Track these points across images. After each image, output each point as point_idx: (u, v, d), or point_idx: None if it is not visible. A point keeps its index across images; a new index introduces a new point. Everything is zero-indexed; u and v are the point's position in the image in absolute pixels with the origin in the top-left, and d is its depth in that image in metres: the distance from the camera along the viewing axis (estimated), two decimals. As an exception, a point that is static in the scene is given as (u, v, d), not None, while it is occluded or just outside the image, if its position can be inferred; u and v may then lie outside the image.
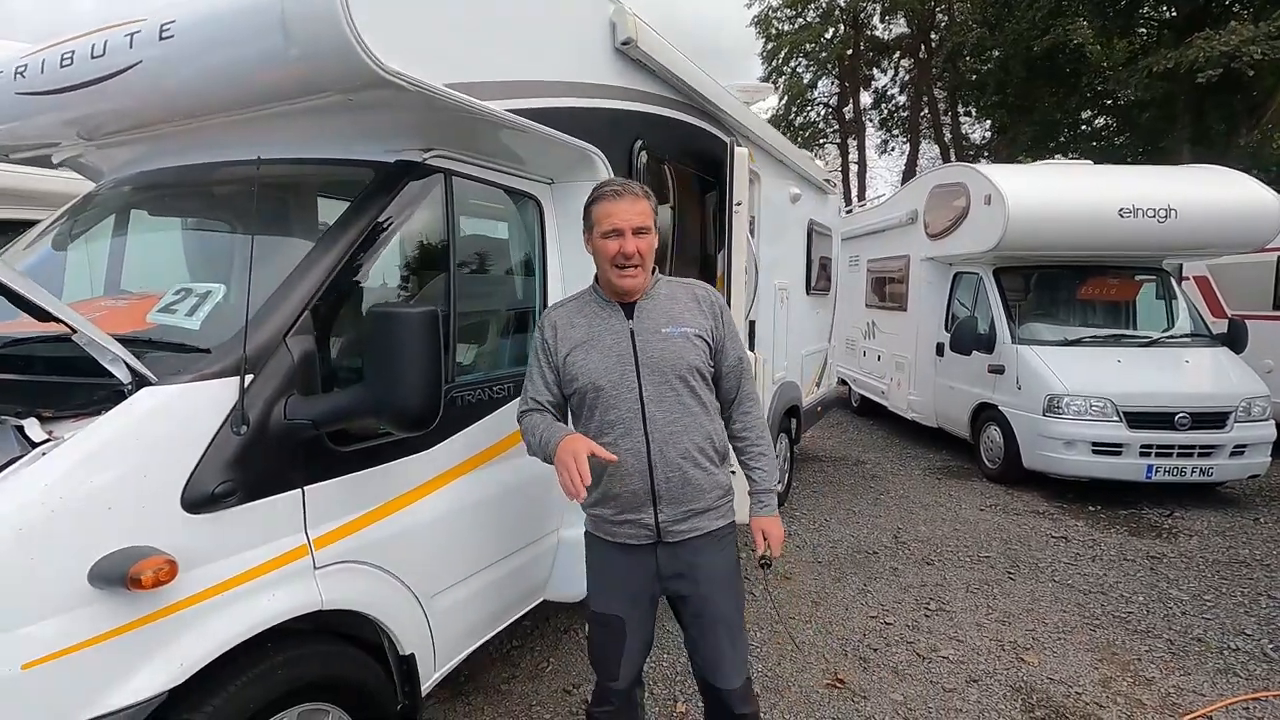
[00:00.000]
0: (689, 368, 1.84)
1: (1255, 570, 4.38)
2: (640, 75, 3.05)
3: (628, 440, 1.82)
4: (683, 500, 1.85)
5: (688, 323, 1.87)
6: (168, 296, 1.88)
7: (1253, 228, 6.18)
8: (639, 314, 1.88)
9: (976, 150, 23.52)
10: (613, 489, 1.86)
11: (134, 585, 1.33)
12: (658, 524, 1.86)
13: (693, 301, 1.92)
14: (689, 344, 1.85)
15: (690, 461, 1.85)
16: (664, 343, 1.84)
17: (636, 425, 1.82)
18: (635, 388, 1.83)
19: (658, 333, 1.85)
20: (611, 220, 1.81)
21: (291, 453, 1.72)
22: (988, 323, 6.55)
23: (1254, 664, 3.26)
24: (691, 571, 1.89)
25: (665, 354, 1.83)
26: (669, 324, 1.86)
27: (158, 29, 1.94)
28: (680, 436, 1.83)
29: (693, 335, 1.86)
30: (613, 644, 1.95)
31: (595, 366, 1.85)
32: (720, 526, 1.93)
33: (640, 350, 1.84)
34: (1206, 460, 5.56)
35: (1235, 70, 12.62)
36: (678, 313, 1.89)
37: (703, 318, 1.90)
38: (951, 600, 3.92)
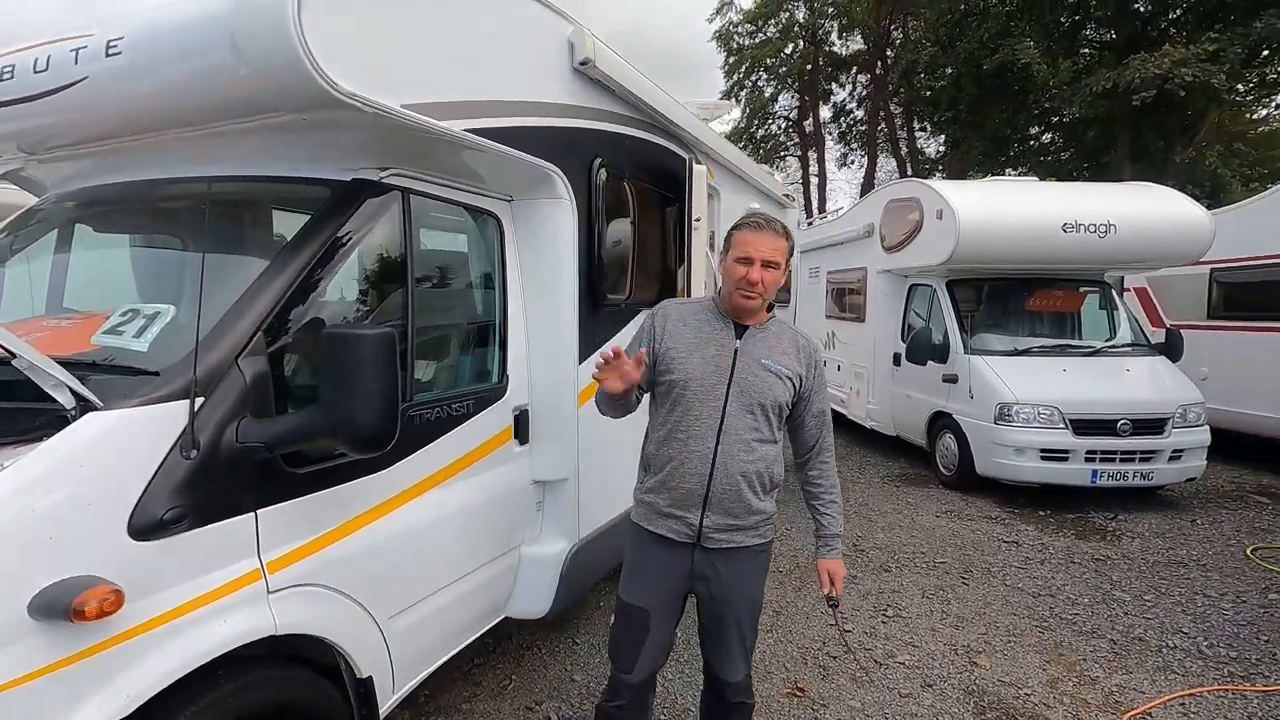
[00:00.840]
0: (773, 402, 2.00)
1: (1192, 570, 4.59)
2: (599, 94, 3.09)
3: (698, 443, 1.97)
4: (730, 512, 1.99)
5: (786, 364, 2.03)
6: (114, 317, 1.84)
7: (1187, 243, 6.50)
8: (748, 339, 2.04)
9: (931, 164, 24.22)
10: (672, 481, 2.01)
11: (77, 617, 1.30)
12: (701, 526, 2.00)
13: (794, 347, 2.08)
14: (780, 382, 2.01)
15: (746, 481, 1.98)
16: (760, 372, 2.00)
17: (711, 432, 1.97)
18: (721, 399, 1.98)
19: (758, 361, 2.01)
20: (745, 248, 1.98)
21: (244, 476, 1.70)
22: (941, 333, 6.74)
23: (1190, 661, 3.41)
24: (718, 575, 2.03)
25: (757, 382, 1.99)
26: (769, 357, 2.02)
27: (105, 44, 1.90)
28: (744, 456, 1.97)
29: (786, 376, 2.02)
30: (634, 634, 2.06)
31: (694, 368, 2.00)
32: (755, 544, 2.06)
33: (738, 370, 2.00)
34: (1147, 465, 5.80)
35: (1169, 91, 13.28)
36: (780, 351, 2.05)
37: (799, 364, 2.06)
38: (908, 606, 4.02)
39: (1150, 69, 12.91)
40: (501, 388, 2.68)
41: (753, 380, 1.99)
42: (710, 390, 1.98)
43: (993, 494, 6.25)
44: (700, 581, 2.05)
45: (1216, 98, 14.41)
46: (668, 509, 2.03)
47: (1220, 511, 5.91)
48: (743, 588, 2.06)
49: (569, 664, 3.30)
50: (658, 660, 2.11)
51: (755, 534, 2.05)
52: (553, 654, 3.39)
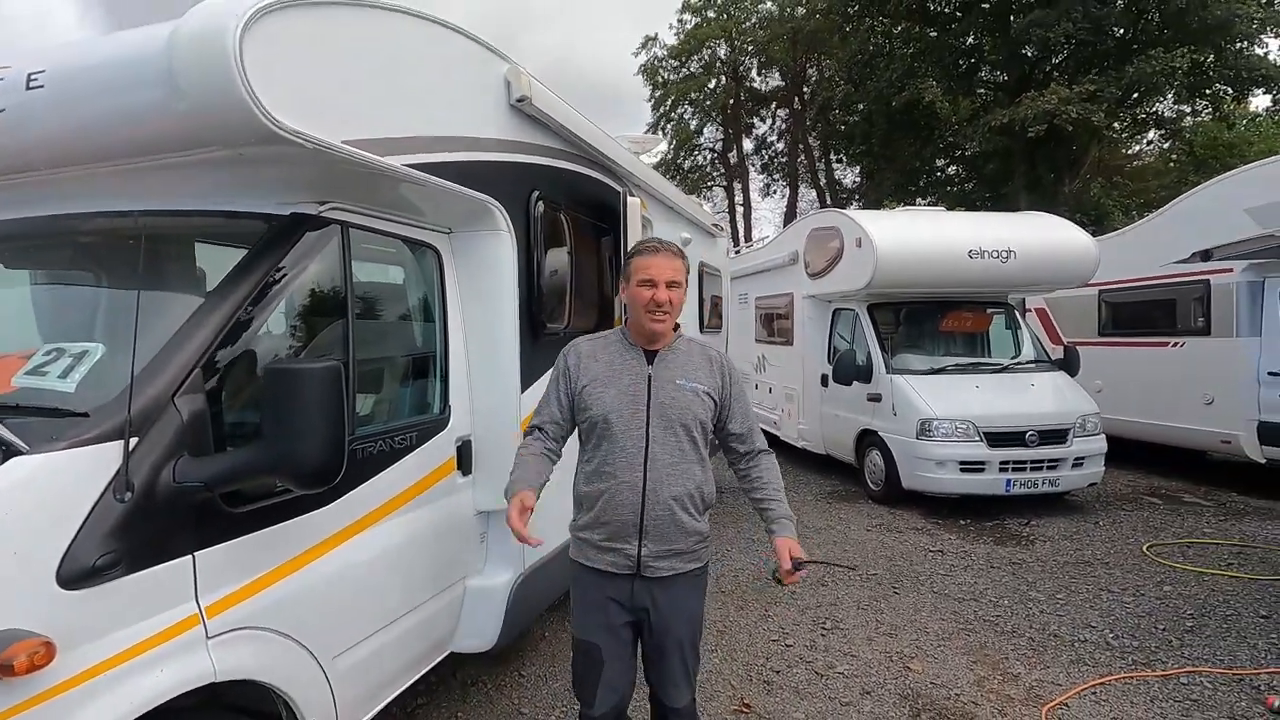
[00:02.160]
0: (694, 419, 2.01)
1: (1097, 569, 4.95)
2: (535, 130, 3.18)
3: (627, 474, 1.97)
4: (666, 538, 1.99)
5: (700, 380, 2.05)
6: (37, 357, 1.76)
7: (1076, 266, 7.11)
8: (659, 362, 2.05)
9: (848, 194, 25.51)
10: (605, 516, 1.99)
11: (6, 672, 1.24)
12: (639, 557, 1.99)
13: (706, 361, 2.10)
14: (698, 399, 2.03)
15: (679, 504, 1.99)
16: (677, 392, 2.01)
17: (638, 461, 1.97)
18: (643, 427, 1.98)
19: (672, 382, 2.02)
20: (647, 271, 2.01)
21: (181, 517, 1.65)
22: (865, 354, 7.09)
23: (1099, 652, 3.68)
24: (657, 604, 2.02)
25: (676, 403, 2.00)
26: (683, 377, 2.04)
27: (25, 77, 1.86)
28: (675, 480, 1.98)
29: (703, 391, 2.04)
30: (590, 671, 2.04)
31: (610, 401, 2.00)
32: (694, 568, 2.08)
33: (654, 394, 2.00)
34: (1054, 472, 6.24)
35: (1057, 126, 14.56)
36: (693, 369, 2.06)
37: (713, 377, 2.08)
38: (845, 618, 4.17)
39: (1040, 106, 14.13)
40: (444, 419, 2.68)
41: (670, 402, 2.00)
42: (631, 420, 1.98)
43: (918, 506, 6.56)
44: (643, 611, 2.04)
45: (1097, 134, 15.90)
46: (604, 543, 2.02)
47: (1119, 513, 6.40)
48: (682, 613, 2.06)
49: (516, 697, 3.26)
50: (620, 691, 2.07)
51: (693, 558, 2.06)
52: (499, 688, 3.34)
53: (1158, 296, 7.67)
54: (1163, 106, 17.13)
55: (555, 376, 2.14)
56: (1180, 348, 7.38)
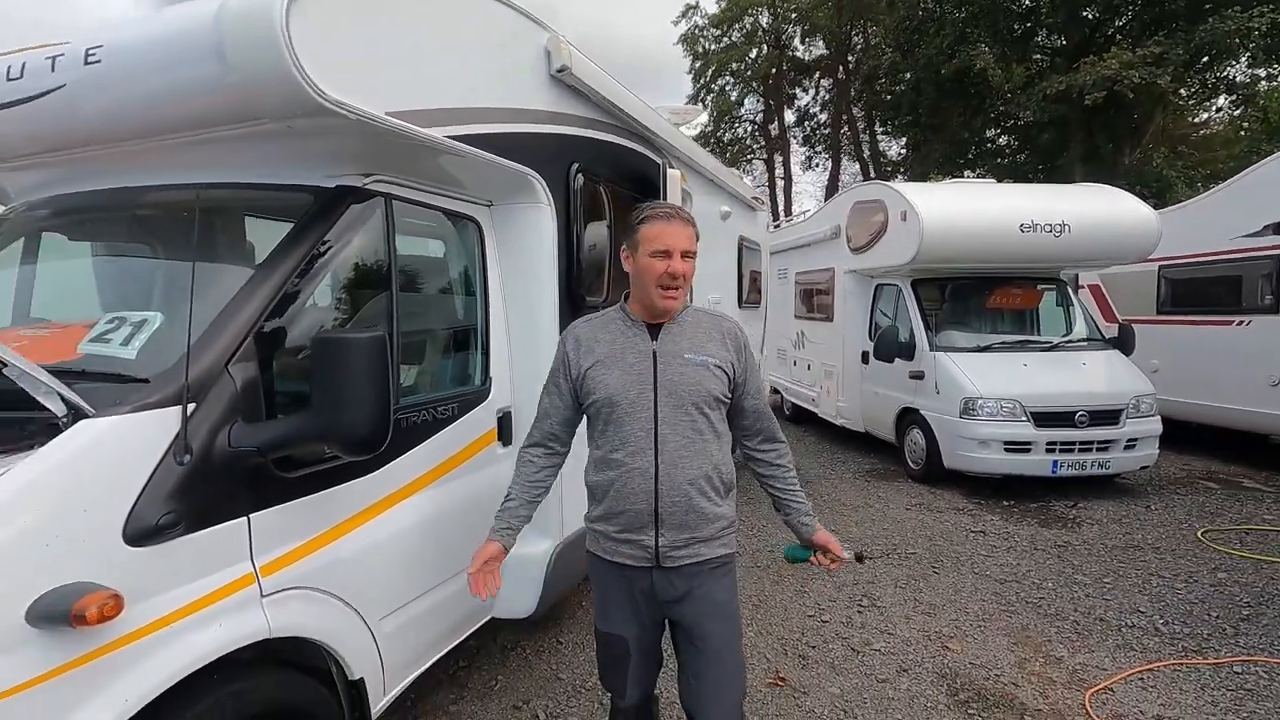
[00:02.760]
0: (707, 396, 1.84)
1: (1147, 553, 4.80)
2: (575, 100, 3.15)
3: (637, 459, 1.82)
4: (685, 526, 1.83)
5: (711, 352, 1.87)
6: (100, 325, 1.84)
7: (1135, 241, 6.80)
8: (664, 337, 1.87)
9: (893, 166, 24.80)
10: (618, 506, 1.85)
11: (78, 622, 1.30)
12: (657, 547, 1.84)
13: (717, 333, 1.92)
14: (709, 373, 1.85)
15: (696, 489, 1.83)
16: (685, 368, 1.84)
17: (647, 445, 1.81)
18: (651, 408, 1.82)
19: (680, 358, 1.85)
20: (662, 241, 1.81)
21: (236, 481, 1.71)
22: (908, 332, 6.93)
23: (1147, 638, 3.59)
24: (689, 596, 1.87)
25: (685, 379, 1.83)
26: (692, 351, 1.86)
27: (83, 53, 1.90)
28: (689, 462, 1.82)
29: (714, 365, 1.86)
30: (618, 664, 1.95)
31: (615, 383, 1.84)
32: (720, 555, 1.90)
33: (660, 372, 1.83)
34: (1104, 454, 6.05)
35: (1118, 93, 13.85)
36: (701, 341, 1.89)
37: (725, 350, 1.90)
38: (882, 596, 4.14)
39: (1100, 71, 13.44)
40: (485, 390, 2.72)
41: (679, 378, 1.83)
42: (637, 402, 1.82)
43: (959, 486, 6.44)
44: (671, 606, 1.90)
45: (1162, 100, 15.07)
46: (620, 535, 1.87)
47: (1173, 497, 6.18)
48: (717, 608, 1.89)
49: (554, 663, 3.34)
50: (649, 677, 2.01)
51: (719, 544, 1.89)
52: (538, 653, 3.42)
53: (1223, 272, 7.29)
54: (1235, 70, 16.10)
55: (554, 368, 1.98)
56: (1246, 326, 7.03)
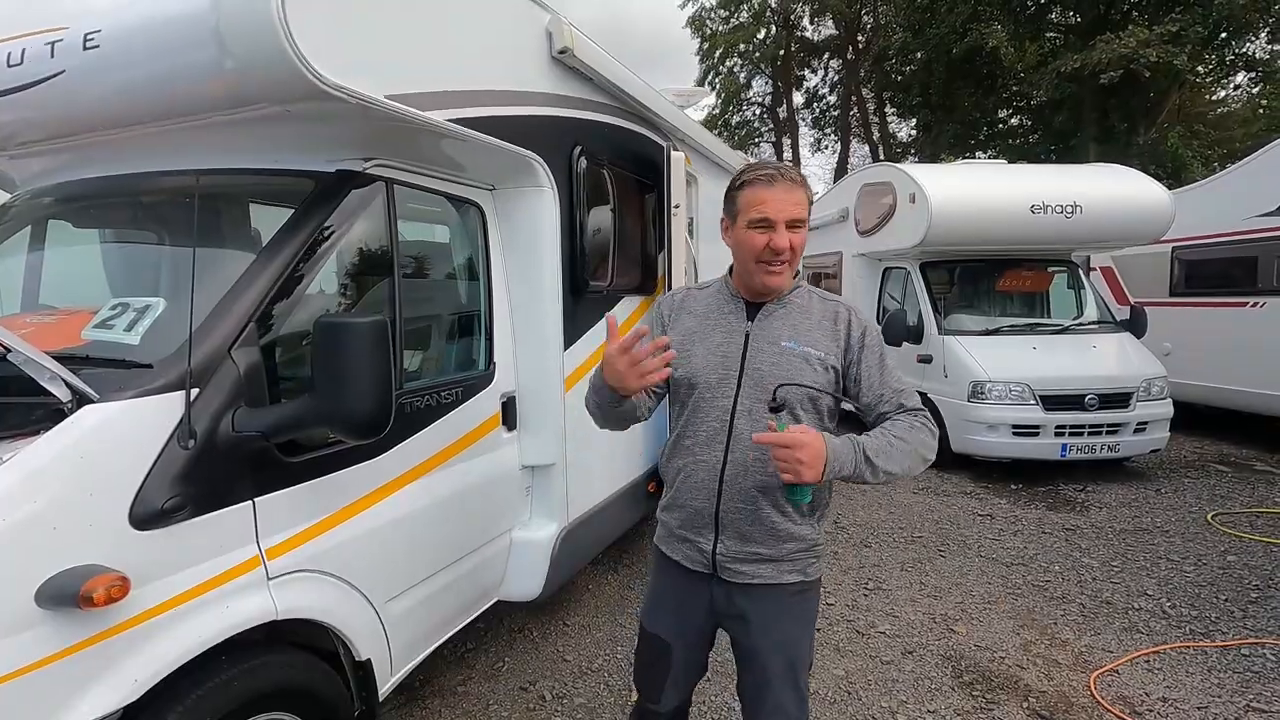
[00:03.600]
0: (799, 392, 1.57)
1: (1156, 537, 4.78)
2: (578, 83, 3.12)
3: (707, 452, 1.62)
4: (748, 538, 1.61)
5: (814, 342, 1.60)
6: (104, 311, 1.85)
7: (1149, 222, 6.69)
8: (762, 318, 1.63)
9: (903, 148, 24.50)
10: (681, 498, 1.68)
11: (86, 604, 1.32)
12: (714, 554, 1.64)
13: (828, 320, 1.63)
14: (808, 365, 1.58)
15: (767, 498, 1.58)
16: (779, 356, 1.59)
17: (720, 437, 1.60)
18: (731, 396, 1.60)
19: (776, 344, 1.60)
20: (763, 209, 1.55)
21: (241, 465, 1.73)
22: (916, 315, 6.88)
23: (1154, 621, 3.58)
24: (747, 619, 1.65)
25: (776, 369, 1.58)
26: (791, 337, 1.60)
27: (82, 38, 1.89)
28: (764, 465, 1.56)
29: (815, 358, 1.58)
30: (657, 666, 1.77)
31: (698, 361, 1.64)
32: (790, 582, 1.64)
33: (749, 357, 1.60)
34: (1114, 438, 6.00)
35: (1134, 72, 13.60)
36: (806, 328, 1.62)
37: (833, 341, 1.61)
38: (888, 579, 4.15)
39: (1116, 49, 13.19)
40: (488, 375, 2.72)
41: (769, 369, 1.58)
42: (717, 387, 1.61)
43: (967, 470, 6.42)
44: (728, 621, 1.69)
45: (1178, 78, 14.80)
46: (679, 530, 1.70)
47: (1183, 481, 6.14)
48: (775, 639, 1.63)
49: (561, 645, 3.37)
50: (688, 686, 1.82)
51: (790, 568, 1.62)
52: (544, 636, 3.45)
53: (1238, 253, 7.17)
54: (1254, 46, 15.78)
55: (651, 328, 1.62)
56: (1261, 308, 6.92)
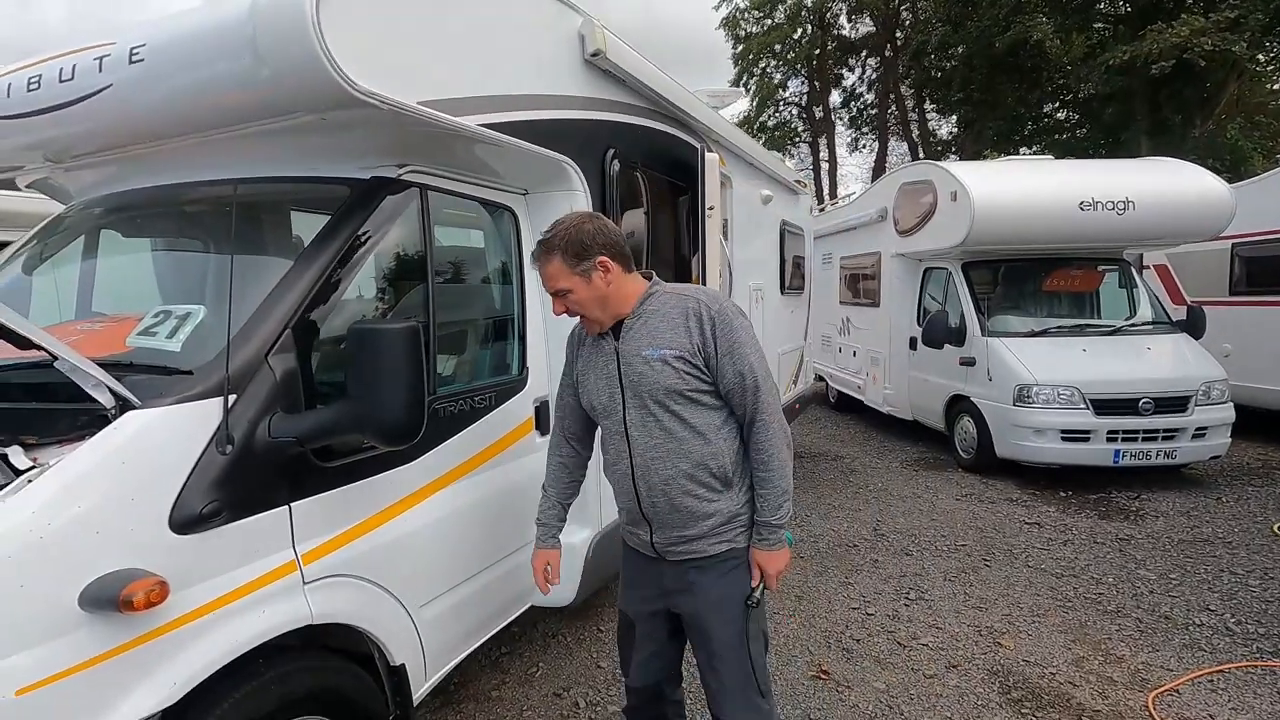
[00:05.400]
0: (667, 392, 1.73)
1: (1218, 548, 4.55)
2: (610, 85, 3.10)
3: (619, 463, 1.85)
4: (673, 525, 1.81)
5: (669, 343, 1.74)
6: (147, 319, 1.89)
7: (1206, 217, 6.40)
8: (625, 335, 1.81)
9: (944, 146, 23.97)
10: (618, 499, 1.92)
11: (126, 607, 1.34)
12: (653, 542, 1.87)
13: (681, 317, 1.76)
14: (667, 367, 1.73)
15: (677, 488, 1.77)
16: (644, 365, 1.75)
17: (624, 448, 1.82)
18: (620, 410, 1.81)
19: (639, 355, 1.76)
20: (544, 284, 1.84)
21: (277, 470, 1.74)
22: (958, 316, 6.70)
23: (1217, 638, 3.39)
24: (690, 590, 1.85)
25: (644, 378, 1.75)
26: (650, 345, 1.75)
27: (128, 52, 1.94)
28: (661, 463, 1.77)
29: (672, 357, 1.73)
30: (626, 644, 2.03)
31: (592, 387, 1.88)
32: (721, 552, 1.82)
33: (624, 373, 1.79)
34: (1170, 443, 5.74)
35: (1188, 62, 13.05)
36: (662, 331, 1.76)
37: (687, 336, 1.74)
38: (930, 589, 4.02)
39: (1169, 39, 12.68)
40: (522, 380, 2.72)
41: (638, 377, 1.75)
42: (610, 405, 1.82)
43: (1013, 476, 6.22)
44: (679, 597, 1.87)
45: (1237, 68, 14.16)
46: (627, 525, 1.96)
47: (1246, 488, 5.84)
48: (718, 607, 1.82)
49: (595, 651, 3.35)
50: (653, 672, 2.01)
51: (717, 540, 1.80)
52: (579, 641, 3.44)
53: (1305, 249, 6.83)
54: (1321, 32, 14.98)
55: (564, 368, 2.05)
56: (1329, 307, 6.57)
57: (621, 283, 1.80)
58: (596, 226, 1.78)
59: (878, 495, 5.92)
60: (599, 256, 1.75)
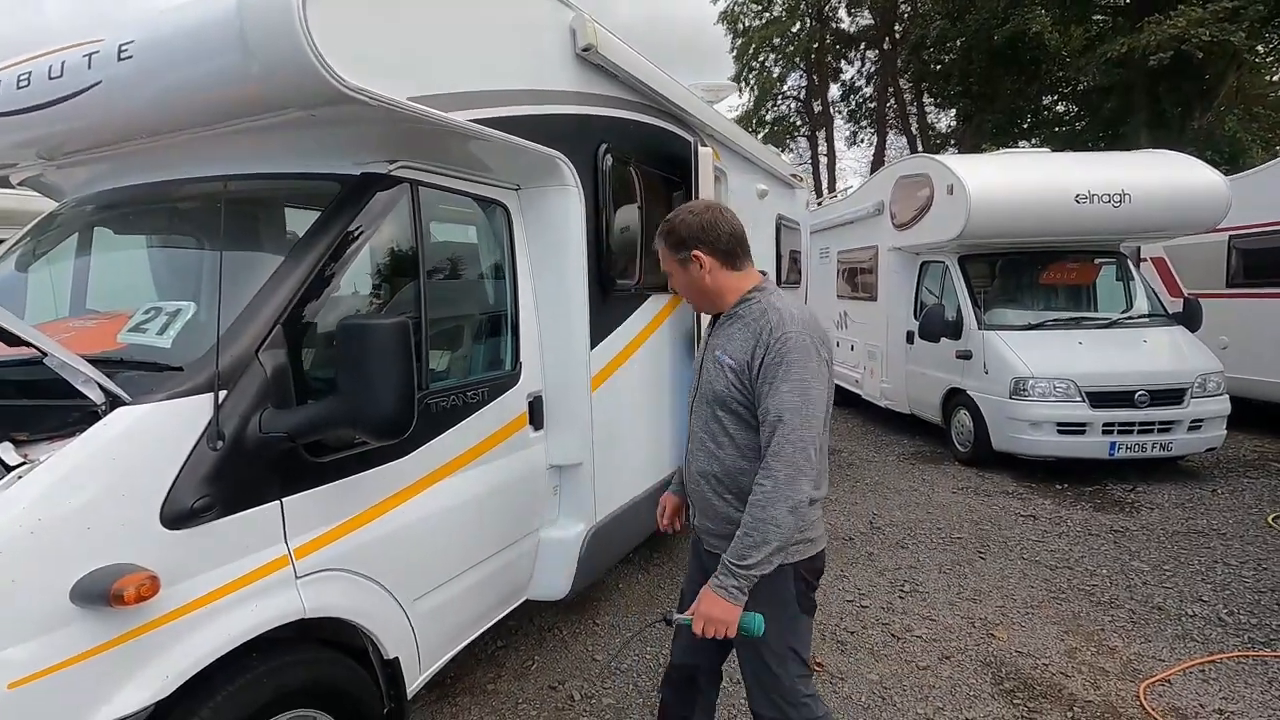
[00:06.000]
0: (719, 397, 1.79)
1: (1212, 539, 4.57)
2: (602, 80, 3.10)
3: (689, 438, 1.96)
4: (705, 515, 1.89)
5: (733, 352, 1.77)
6: (137, 315, 1.90)
7: (1203, 210, 6.39)
8: (716, 329, 1.89)
9: (943, 139, 23.90)
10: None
11: (117, 601, 1.35)
12: (695, 524, 1.97)
13: (753, 331, 1.74)
14: (725, 374, 1.77)
15: (707, 482, 1.85)
16: (714, 365, 1.81)
17: (689, 428, 1.96)
18: (694, 394, 1.94)
19: (714, 354, 1.82)
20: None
21: (268, 465, 1.75)
22: (954, 310, 6.69)
23: (1210, 628, 3.41)
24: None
25: (710, 376, 1.82)
26: (723, 348, 1.80)
27: (116, 49, 1.95)
28: (701, 458, 1.86)
29: (729, 367, 1.76)
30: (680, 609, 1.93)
31: (698, 363, 1.97)
32: None
33: (704, 364, 1.89)
34: (1166, 436, 5.76)
35: (1185, 53, 13.00)
36: (735, 338, 1.78)
37: (744, 349, 1.74)
38: (925, 581, 4.04)
39: (1166, 30, 12.64)
40: (515, 375, 2.72)
41: (707, 374, 1.84)
42: (694, 383, 1.94)
43: (1009, 469, 6.23)
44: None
45: (1235, 59, 14.10)
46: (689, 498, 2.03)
47: (1241, 480, 5.86)
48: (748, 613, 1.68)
49: (590, 645, 3.36)
50: (688, 653, 1.99)
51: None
52: (574, 635, 3.45)
53: (1301, 242, 6.82)
54: (1320, 23, 14.93)
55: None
56: (1326, 299, 6.58)
57: (720, 278, 1.83)
58: (703, 220, 1.82)
59: (874, 489, 5.94)
60: (694, 249, 1.81)
